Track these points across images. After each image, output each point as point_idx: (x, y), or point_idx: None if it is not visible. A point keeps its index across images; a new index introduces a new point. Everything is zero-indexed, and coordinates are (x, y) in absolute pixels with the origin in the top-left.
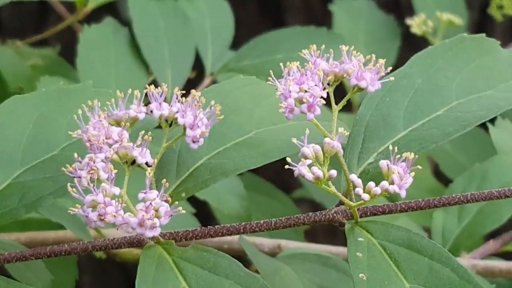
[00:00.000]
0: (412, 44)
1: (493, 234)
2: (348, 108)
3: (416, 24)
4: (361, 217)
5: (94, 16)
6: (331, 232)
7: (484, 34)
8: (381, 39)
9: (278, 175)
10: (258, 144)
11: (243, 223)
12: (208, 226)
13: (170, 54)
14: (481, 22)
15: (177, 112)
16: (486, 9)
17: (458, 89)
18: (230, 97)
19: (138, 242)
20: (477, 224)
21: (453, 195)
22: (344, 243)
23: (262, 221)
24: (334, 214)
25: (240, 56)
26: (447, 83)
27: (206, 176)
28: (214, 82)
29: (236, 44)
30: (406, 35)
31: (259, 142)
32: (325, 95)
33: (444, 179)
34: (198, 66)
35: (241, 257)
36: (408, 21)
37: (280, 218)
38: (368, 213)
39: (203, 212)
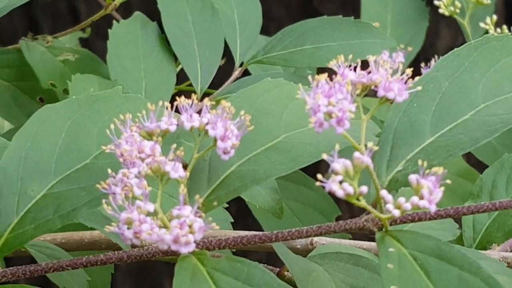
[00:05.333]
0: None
1: None
2: None
3: (444, 4)
4: (390, 225)
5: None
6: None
7: (509, 34)
8: (409, 20)
9: None
10: (288, 149)
11: (275, 232)
12: (240, 235)
13: (198, 47)
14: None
15: (207, 123)
16: None
17: (485, 91)
18: (259, 101)
19: (172, 252)
20: (507, 215)
21: (482, 203)
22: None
23: (293, 230)
24: (365, 223)
25: (269, 48)
26: (474, 85)
27: (237, 184)
28: (243, 73)
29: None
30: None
31: (288, 146)
32: (353, 109)
33: (473, 159)
34: (227, 56)
35: (274, 254)
36: (436, 1)
37: (311, 226)
38: (398, 221)
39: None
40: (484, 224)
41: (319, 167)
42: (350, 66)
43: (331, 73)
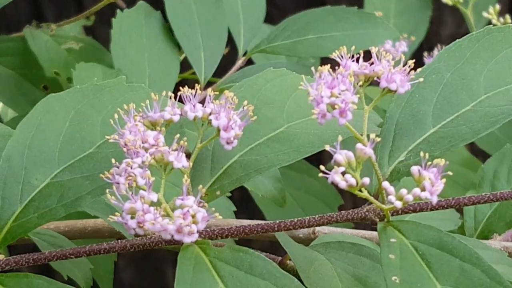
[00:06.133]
0: None
1: None
2: None
3: None
4: (392, 215)
5: None
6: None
7: (511, 25)
8: (412, 9)
9: None
10: (291, 139)
11: (277, 221)
12: (243, 224)
13: (202, 37)
14: None
15: (210, 113)
16: None
17: (486, 81)
18: (262, 91)
19: (175, 241)
20: (509, 204)
21: (483, 194)
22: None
23: (296, 219)
24: (366, 213)
25: (272, 37)
26: (475, 76)
27: (240, 173)
28: (247, 62)
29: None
30: None
31: (291, 136)
32: (356, 100)
33: (474, 149)
34: (231, 44)
35: (278, 242)
36: None
37: (313, 216)
38: (400, 212)
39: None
40: (486, 214)
41: (322, 157)
42: (352, 57)
43: (335, 63)
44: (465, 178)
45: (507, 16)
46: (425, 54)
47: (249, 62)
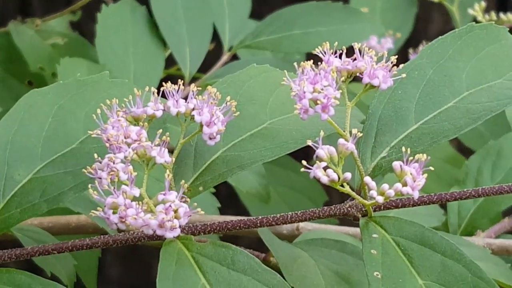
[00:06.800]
0: None
1: (509, 212)
2: None
3: None
4: (375, 211)
5: None
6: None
7: (493, 22)
8: (398, 5)
9: None
10: (273, 135)
11: (260, 217)
12: (226, 220)
13: (188, 32)
14: None
15: (193, 109)
16: None
17: (468, 78)
18: (245, 87)
19: (158, 236)
20: (492, 201)
21: (465, 190)
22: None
23: (278, 215)
24: (349, 209)
25: (257, 32)
26: (458, 73)
27: (223, 169)
28: (232, 58)
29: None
30: None
31: (273, 132)
32: (338, 96)
33: (460, 146)
34: (216, 40)
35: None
36: None
37: (296, 212)
38: (382, 207)
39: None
40: (469, 210)
41: (308, 153)
42: (335, 53)
43: (320, 59)
44: (450, 175)
45: (493, 13)
46: (411, 50)
47: (234, 57)
